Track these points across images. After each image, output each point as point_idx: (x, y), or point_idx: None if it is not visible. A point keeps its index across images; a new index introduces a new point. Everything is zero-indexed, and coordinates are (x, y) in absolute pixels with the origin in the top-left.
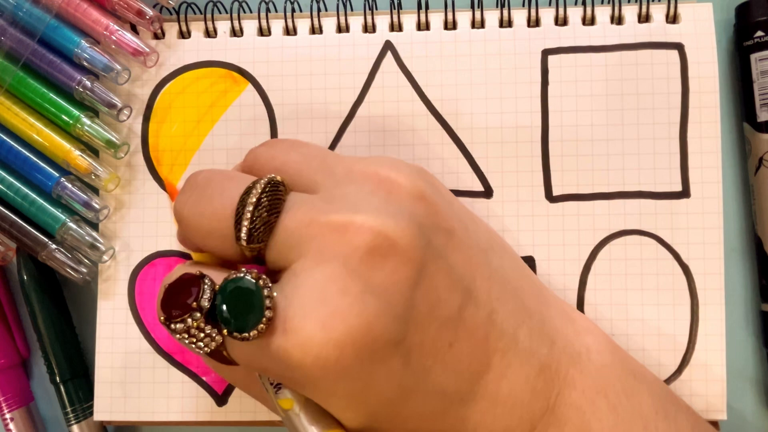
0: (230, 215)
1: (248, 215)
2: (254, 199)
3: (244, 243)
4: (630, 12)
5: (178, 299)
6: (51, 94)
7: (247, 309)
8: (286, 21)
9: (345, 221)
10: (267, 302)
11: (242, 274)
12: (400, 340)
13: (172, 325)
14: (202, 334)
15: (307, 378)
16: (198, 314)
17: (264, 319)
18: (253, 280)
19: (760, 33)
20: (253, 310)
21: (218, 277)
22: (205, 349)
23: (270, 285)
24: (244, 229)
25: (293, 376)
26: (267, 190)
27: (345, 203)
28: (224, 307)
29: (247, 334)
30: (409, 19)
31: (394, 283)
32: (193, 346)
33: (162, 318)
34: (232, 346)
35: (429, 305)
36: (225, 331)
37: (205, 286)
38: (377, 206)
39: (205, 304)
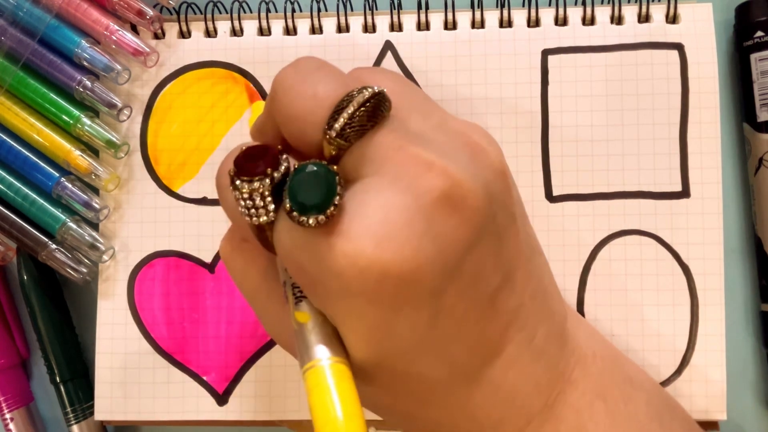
0: (331, 104)
1: (350, 110)
2: (360, 99)
3: (333, 135)
4: (630, 12)
5: (251, 163)
6: (51, 94)
7: (317, 196)
8: (286, 21)
9: (431, 160)
10: (337, 199)
11: (324, 163)
12: (437, 295)
13: (238, 182)
14: (261, 203)
15: (341, 288)
16: (267, 181)
17: (328, 211)
18: (333, 172)
19: (760, 33)
20: (322, 199)
21: (296, 163)
22: (256, 219)
23: (345, 185)
24: (340, 121)
25: (327, 281)
26: (374, 98)
27: (434, 146)
28: (295, 185)
29: (305, 218)
30: (409, 19)
31: (454, 237)
32: (246, 211)
33: (232, 171)
34: (282, 228)
35: (472, 275)
36: (287, 207)
37: (283, 161)
38: (463, 163)
39: (278, 176)
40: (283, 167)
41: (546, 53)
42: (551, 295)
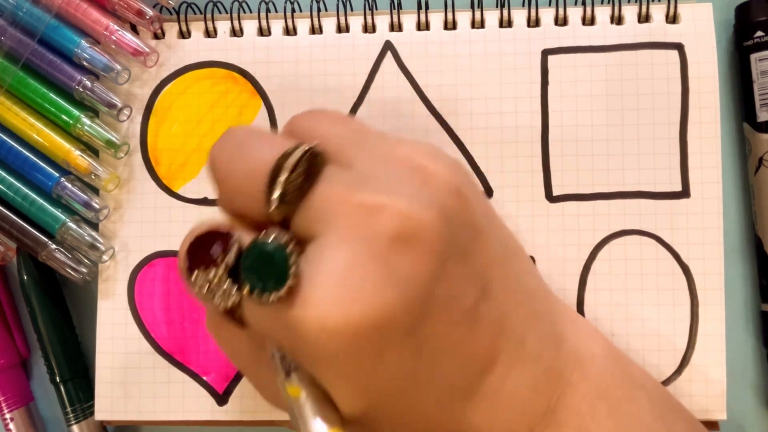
0: (265, 174)
1: (283, 177)
2: (293, 161)
3: (274, 205)
4: (630, 12)
5: (204, 250)
6: (51, 94)
7: (272, 272)
8: (286, 21)
9: (377, 203)
10: (292, 269)
11: (273, 235)
12: (414, 330)
13: (194, 276)
14: (221, 289)
15: (319, 354)
16: (222, 268)
17: (286, 284)
18: (283, 244)
19: (760, 33)
20: (277, 274)
21: (247, 237)
22: (221, 304)
23: (298, 253)
24: (276, 191)
25: (305, 349)
26: (305, 156)
27: (379, 185)
28: (249, 265)
29: (267, 297)
30: (409, 19)
31: (415, 272)
32: (210, 300)
33: (185, 266)
34: (248, 307)
35: (446, 299)
36: (246, 291)
37: (233, 242)
38: (411, 193)
39: (231, 259)
40: (234, 248)
41: (546, 53)
42: (537, 297)
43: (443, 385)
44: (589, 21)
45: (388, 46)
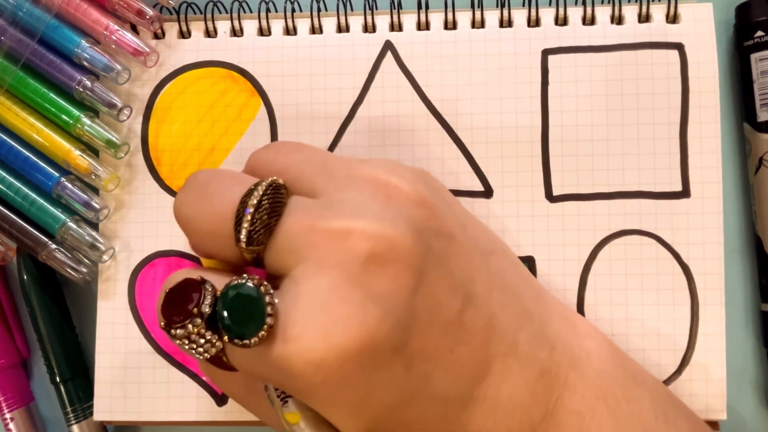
0: (230, 216)
1: (249, 217)
2: (255, 201)
3: (243, 245)
4: (630, 12)
5: (178, 304)
6: (51, 94)
7: (249, 316)
8: (286, 21)
9: (344, 228)
10: (268, 309)
11: (243, 280)
12: (401, 347)
13: (173, 331)
14: (202, 340)
15: (309, 386)
16: (199, 320)
17: (265, 326)
18: (255, 287)
19: (760, 33)
20: (254, 317)
21: (220, 282)
22: (205, 354)
23: (272, 291)
24: (243, 231)
25: (294, 384)
26: (268, 192)
27: (345, 208)
28: (225, 313)
29: (248, 341)
30: (409, 19)
31: (394, 290)
32: (194, 351)
33: (162, 323)
34: (232, 352)
35: (429, 311)
36: (226, 338)
37: (206, 292)
38: (377, 212)
39: (206, 309)
40: (209, 297)
41: (546, 53)
42: (523, 296)
43: (439, 397)
44: (589, 21)
45: (388, 46)
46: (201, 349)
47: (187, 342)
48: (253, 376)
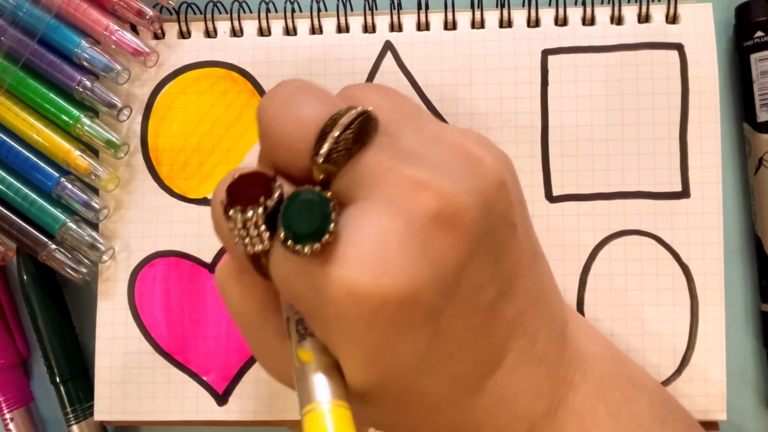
0: (315, 129)
1: (335, 134)
2: (345, 121)
3: (320, 161)
4: (630, 12)
5: (245, 190)
6: (51, 94)
7: (311, 223)
8: (286, 21)
9: (423, 180)
10: (332, 225)
11: (317, 189)
12: (436, 315)
13: (231, 212)
14: (255, 232)
15: (340, 318)
16: (261, 210)
17: (324, 239)
18: (327, 199)
19: (760, 33)
20: (316, 226)
21: (290, 188)
22: (250, 248)
23: (339, 211)
24: (326, 146)
25: (325, 310)
26: (360, 118)
27: (427, 162)
28: (289, 213)
29: (301, 248)
30: (409, 19)
31: (449, 256)
32: (241, 241)
33: (224, 200)
34: (277, 256)
35: (470, 290)
36: (281, 237)
37: (276, 188)
38: (456, 176)
39: (271, 204)
40: (276, 194)
41: (546, 53)
42: (552, 299)
43: (452, 376)
44: (589, 21)
45: (388, 46)
46: (248, 240)
47: (240, 228)
48: (285, 288)
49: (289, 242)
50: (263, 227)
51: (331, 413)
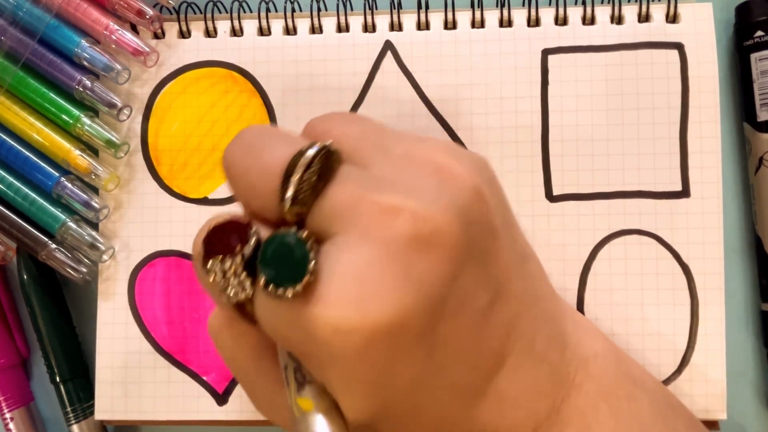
0: (278, 173)
1: (297, 176)
2: (306, 161)
3: (288, 204)
4: (630, 12)
5: (221, 240)
6: (51, 94)
7: (290, 266)
8: (286, 21)
9: (395, 204)
10: (311, 265)
11: (293, 230)
12: (428, 333)
13: (210, 263)
14: (236, 281)
15: (330, 356)
16: (239, 259)
17: (304, 280)
18: (303, 239)
19: (760, 33)
20: (295, 269)
21: (266, 231)
22: (233, 297)
23: (317, 250)
24: (290, 190)
25: (316, 350)
26: (320, 155)
27: (397, 186)
28: (267, 258)
29: (282, 291)
30: (409, 19)
31: (432, 276)
32: (222, 292)
33: (201, 254)
34: (261, 302)
35: (459, 302)
36: (261, 283)
37: (252, 234)
38: (430, 195)
39: (248, 251)
40: (253, 240)
41: (546, 53)
42: (546, 299)
43: (452, 386)
44: (589, 21)
45: (388, 46)
46: (231, 291)
47: (220, 279)
48: (273, 332)
49: (270, 287)
50: (243, 275)
51: None
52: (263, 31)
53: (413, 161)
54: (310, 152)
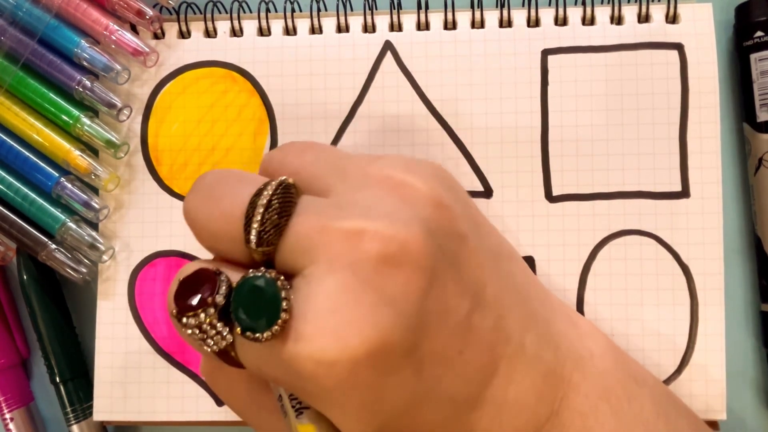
0: (240, 217)
1: (258, 217)
2: (264, 201)
3: (253, 246)
4: (630, 12)
5: (192, 293)
6: (51, 94)
7: (263, 309)
8: (286, 21)
9: (357, 228)
10: (284, 304)
11: (261, 273)
12: (412, 350)
13: (184, 319)
14: (213, 331)
15: (319, 389)
16: (212, 310)
17: (279, 321)
18: (272, 280)
19: (759, 33)
20: (269, 311)
21: (235, 275)
22: (214, 347)
23: (288, 287)
24: (253, 232)
25: (304, 385)
26: (278, 192)
27: (357, 209)
28: (240, 304)
29: (260, 335)
30: (409, 19)
31: (406, 293)
32: (203, 343)
33: (174, 311)
34: (242, 347)
35: (439, 313)
36: (238, 330)
37: (221, 282)
38: (390, 213)
39: (221, 300)
40: (223, 287)
41: (546, 53)
42: (530, 298)
43: (448, 399)
44: (589, 21)
45: (388, 46)
46: (211, 341)
47: (197, 332)
48: (260, 374)
49: (248, 333)
50: (220, 324)
51: None
52: (263, 32)
53: (370, 181)
54: (268, 190)
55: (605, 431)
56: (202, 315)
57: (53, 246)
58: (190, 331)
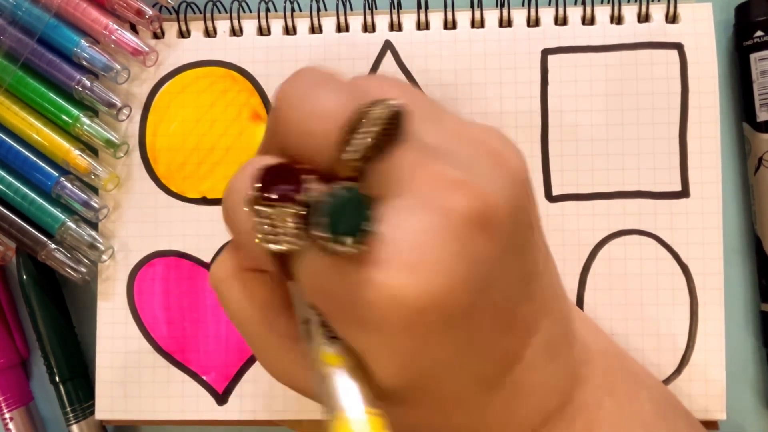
0: (339, 123)
1: (365, 129)
2: (377, 114)
3: (351, 157)
4: (630, 12)
5: (277, 184)
6: (50, 94)
7: (353, 223)
8: (285, 21)
9: (457, 177)
10: (372, 225)
11: (356, 187)
12: (469, 315)
13: (259, 207)
14: (284, 230)
15: (375, 319)
16: (292, 207)
17: (365, 239)
18: (368, 197)
19: (759, 33)
20: (358, 227)
21: (319, 185)
22: (276, 247)
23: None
24: (355, 142)
25: (362, 313)
26: (388, 112)
27: (456, 160)
28: (329, 213)
29: (341, 248)
30: (408, 19)
31: (484, 256)
32: (266, 237)
33: (252, 193)
34: (312, 257)
35: (500, 289)
36: (319, 236)
37: (308, 184)
38: (488, 175)
39: (306, 200)
40: (311, 191)
41: (546, 53)
42: (560, 296)
43: (474, 374)
44: (589, 21)
45: (387, 46)
46: (276, 238)
47: (267, 224)
48: (313, 291)
49: (328, 243)
50: (295, 225)
51: (370, 423)
52: (263, 31)
53: (466, 139)
54: (382, 107)
55: (609, 425)
56: (284, 207)
57: (53, 246)
58: (259, 221)
